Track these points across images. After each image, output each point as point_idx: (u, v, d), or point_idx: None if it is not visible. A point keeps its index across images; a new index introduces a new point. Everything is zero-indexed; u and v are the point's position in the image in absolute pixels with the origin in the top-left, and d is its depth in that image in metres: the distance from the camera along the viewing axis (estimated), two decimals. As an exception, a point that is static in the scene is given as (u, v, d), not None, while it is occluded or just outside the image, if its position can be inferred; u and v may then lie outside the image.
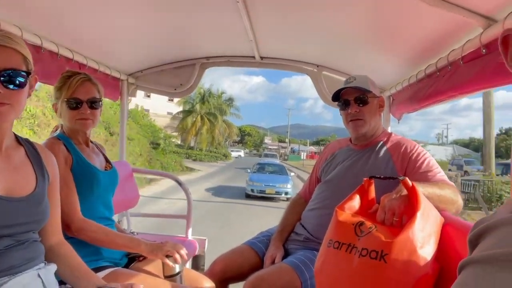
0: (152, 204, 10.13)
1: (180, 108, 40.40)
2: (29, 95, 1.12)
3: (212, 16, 1.96)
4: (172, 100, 40.16)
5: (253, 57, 2.61)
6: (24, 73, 1.06)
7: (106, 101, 2.16)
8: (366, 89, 1.76)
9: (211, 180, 19.43)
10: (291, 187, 13.56)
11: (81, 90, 1.53)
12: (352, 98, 1.78)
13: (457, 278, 0.48)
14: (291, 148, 68.44)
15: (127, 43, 2.30)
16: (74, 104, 1.53)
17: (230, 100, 42.73)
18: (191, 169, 26.62)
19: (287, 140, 76.00)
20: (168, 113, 43.15)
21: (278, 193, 13.26)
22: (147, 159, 20.67)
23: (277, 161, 27.72)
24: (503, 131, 64.95)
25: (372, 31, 1.94)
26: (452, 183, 1.61)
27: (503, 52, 0.52)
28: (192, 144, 38.33)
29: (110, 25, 1.98)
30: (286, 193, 13.26)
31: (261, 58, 2.64)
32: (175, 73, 2.76)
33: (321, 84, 2.69)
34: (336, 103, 1.89)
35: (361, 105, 1.77)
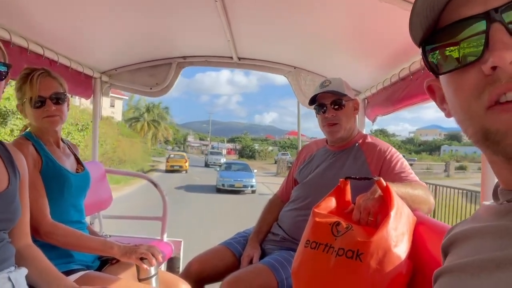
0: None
1: (120, 113, 50.75)
2: (3, 91, 1.10)
3: (189, 15, 1.94)
4: (113, 106, 49.55)
5: (231, 57, 2.60)
6: (4, 66, 1.04)
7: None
8: (342, 93, 1.78)
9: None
10: (255, 181, 16.66)
11: (42, 87, 1.46)
12: (328, 102, 1.80)
13: (432, 286, 0.50)
14: (212, 145, 76.07)
15: (101, 39, 2.23)
16: (38, 103, 1.46)
17: (167, 108, 55.12)
18: (158, 161, 33.98)
19: (208, 138, 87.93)
20: (110, 117, 48.16)
21: (245, 186, 16.13)
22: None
23: (224, 159, 34.21)
24: (372, 131, 74.46)
25: (349, 35, 1.97)
26: (424, 184, 1.66)
27: (432, 98, 0.58)
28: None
29: (83, 21, 1.92)
30: (252, 186, 16.30)
31: (239, 58, 2.63)
32: (151, 72, 2.71)
33: (298, 85, 2.71)
34: (312, 106, 1.91)
35: (337, 109, 1.79)
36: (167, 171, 25.46)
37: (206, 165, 36.21)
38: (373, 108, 2.50)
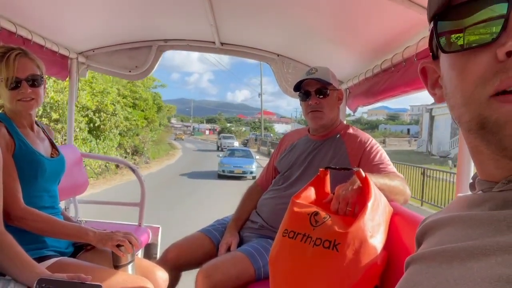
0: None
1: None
2: None
3: None
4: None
5: (213, 42, 2.55)
6: None
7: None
8: (327, 82, 1.78)
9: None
10: (255, 167, 16.36)
11: (18, 68, 1.39)
12: (313, 89, 1.80)
13: (404, 274, 0.50)
14: (193, 127, 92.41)
15: (78, 18, 2.14)
16: (13, 84, 1.39)
17: (160, 96, 61.39)
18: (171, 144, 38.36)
19: (190, 120, 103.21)
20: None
21: (244, 172, 15.94)
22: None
23: (236, 142, 36.16)
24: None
25: (333, 25, 1.96)
26: (401, 175, 1.69)
27: (424, 81, 0.55)
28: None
29: None
30: (251, 172, 16.07)
31: (222, 44, 2.58)
32: (130, 55, 2.63)
33: (281, 73, 2.69)
34: (297, 93, 1.91)
35: (321, 97, 1.79)
36: (175, 139, 46.91)
37: (219, 149, 36.05)
38: (355, 98, 2.51)
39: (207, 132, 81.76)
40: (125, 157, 15.27)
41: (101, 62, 2.67)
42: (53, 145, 1.64)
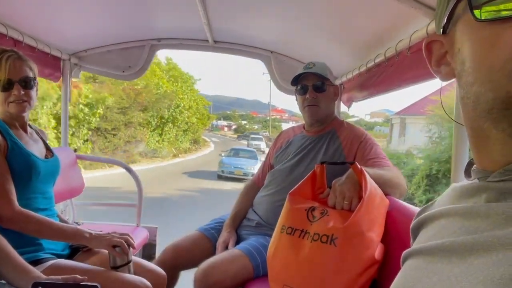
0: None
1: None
2: None
3: None
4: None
5: (207, 40, 2.54)
6: None
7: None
8: (325, 76, 1.79)
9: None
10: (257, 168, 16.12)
11: (11, 70, 1.39)
12: (310, 84, 1.81)
13: (401, 268, 0.49)
14: (211, 124, 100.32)
15: (70, 19, 2.13)
16: (6, 86, 1.39)
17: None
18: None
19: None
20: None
21: (245, 174, 14.57)
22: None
23: (263, 144, 34.18)
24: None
25: (326, 20, 1.96)
26: (397, 168, 1.69)
27: (427, 58, 0.51)
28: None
29: None
30: (253, 174, 14.99)
31: (215, 42, 2.58)
32: (123, 54, 2.61)
33: (274, 70, 2.69)
34: (294, 88, 1.91)
35: (318, 91, 1.80)
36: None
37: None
38: (349, 93, 2.51)
39: (225, 128, 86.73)
40: (190, 144, 26.50)
41: (94, 63, 2.65)
42: (47, 146, 1.63)
